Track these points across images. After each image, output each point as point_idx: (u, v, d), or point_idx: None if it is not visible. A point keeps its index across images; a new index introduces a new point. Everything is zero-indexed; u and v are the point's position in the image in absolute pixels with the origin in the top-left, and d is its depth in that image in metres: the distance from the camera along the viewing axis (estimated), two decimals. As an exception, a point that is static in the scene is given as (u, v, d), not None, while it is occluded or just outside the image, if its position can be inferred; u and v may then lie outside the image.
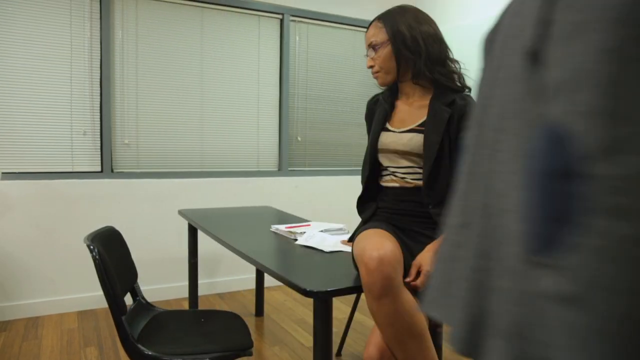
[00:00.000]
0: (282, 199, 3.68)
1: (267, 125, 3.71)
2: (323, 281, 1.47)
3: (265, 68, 3.67)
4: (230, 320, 1.81)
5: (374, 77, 1.66)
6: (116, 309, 1.47)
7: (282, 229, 2.18)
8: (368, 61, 1.65)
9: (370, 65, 1.65)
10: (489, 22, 0.58)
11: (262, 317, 3.04)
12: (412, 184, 1.60)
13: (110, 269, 1.49)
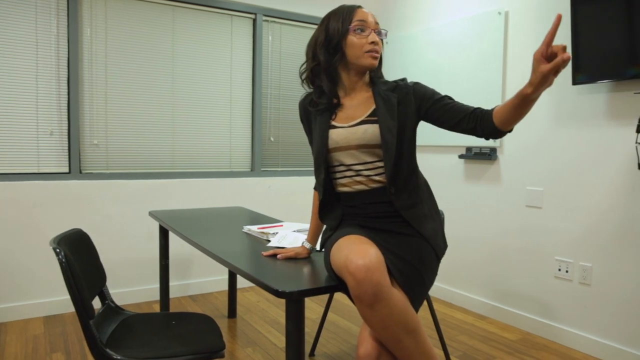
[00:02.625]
0: (255, 199, 3.66)
1: (240, 125, 3.69)
2: (295, 282, 1.47)
3: (238, 68, 3.65)
4: (202, 322, 1.79)
5: (374, 57, 1.58)
6: (83, 313, 1.44)
7: (254, 230, 2.16)
8: (375, 37, 1.57)
9: (375, 42, 1.57)
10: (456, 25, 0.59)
11: (234, 319, 3.02)
12: (377, 182, 1.59)
13: (77, 272, 1.45)
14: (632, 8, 2.25)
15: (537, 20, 2.81)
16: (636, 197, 2.39)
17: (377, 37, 1.59)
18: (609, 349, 2.50)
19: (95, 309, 1.53)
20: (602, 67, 2.39)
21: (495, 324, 3.02)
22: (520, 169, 2.93)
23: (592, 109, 2.57)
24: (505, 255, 3.04)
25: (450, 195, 3.39)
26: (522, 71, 2.90)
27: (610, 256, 2.50)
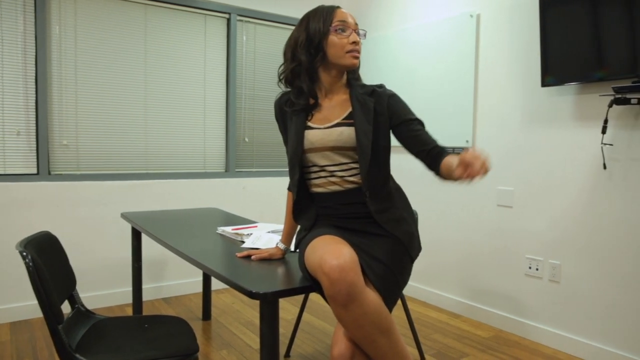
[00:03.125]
0: (229, 200, 3.64)
1: (214, 125, 3.65)
2: (269, 283, 1.46)
3: (212, 68, 3.62)
4: (176, 325, 1.77)
5: (355, 57, 1.60)
6: (51, 317, 1.40)
7: (228, 231, 2.15)
8: (356, 37, 1.59)
9: (356, 42, 1.59)
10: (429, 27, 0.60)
11: (209, 321, 2.99)
12: (352, 183, 1.60)
13: (45, 276, 1.42)
14: (598, 13, 2.32)
15: (508, 23, 2.87)
16: (602, 196, 2.46)
17: (358, 37, 1.61)
18: (577, 344, 2.56)
19: (65, 314, 1.50)
20: (570, 69, 2.46)
21: (468, 322, 3.07)
22: (491, 169, 2.99)
23: (560, 111, 2.63)
24: (478, 254, 3.09)
25: (424, 196, 3.42)
26: (493, 73, 2.96)
27: (578, 254, 2.57)
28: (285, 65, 1.67)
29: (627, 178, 2.37)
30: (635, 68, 2.20)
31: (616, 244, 2.42)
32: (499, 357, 2.55)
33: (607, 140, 2.42)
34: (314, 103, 1.65)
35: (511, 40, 2.86)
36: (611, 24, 2.27)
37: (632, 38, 2.20)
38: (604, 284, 2.47)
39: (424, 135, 1.58)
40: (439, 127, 3.27)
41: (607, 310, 2.45)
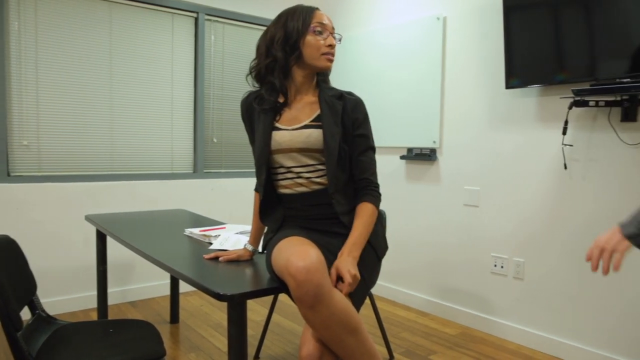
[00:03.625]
0: (198, 201, 3.59)
1: (182, 126, 3.60)
2: (237, 284, 1.45)
3: (180, 67, 3.56)
4: (142, 328, 1.74)
5: (330, 59, 1.62)
6: (9, 324, 1.36)
7: (196, 233, 2.12)
8: (332, 41, 1.62)
9: (332, 45, 1.61)
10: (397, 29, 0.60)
11: (177, 324, 2.95)
12: (318, 184, 1.61)
13: (3, 281, 1.37)
14: (559, 19, 2.39)
15: (473, 26, 2.92)
16: (563, 195, 2.54)
17: (334, 40, 1.62)
18: (540, 339, 2.64)
19: (25, 320, 1.45)
20: (533, 72, 2.52)
21: (436, 319, 3.12)
22: (458, 169, 3.04)
23: (524, 112, 2.70)
24: (445, 253, 3.14)
25: (393, 196, 3.46)
26: (459, 75, 3.01)
27: (541, 251, 2.64)
28: (259, 60, 1.65)
29: (586, 178, 2.45)
30: (593, 72, 2.28)
31: (577, 241, 2.49)
32: (465, 353, 2.60)
33: (567, 141, 2.50)
34: (283, 102, 1.65)
35: (477, 43, 2.91)
36: (571, 30, 2.34)
37: (591, 43, 2.27)
38: (566, 280, 2.54)
39: (363, 164, 1.64)
40: (406, 128, 3.32)
41: (569, 305, 2.53)
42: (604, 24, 2.22)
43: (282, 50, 1.59)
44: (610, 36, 2.21)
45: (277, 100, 1.63)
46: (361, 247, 1.50)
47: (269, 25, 1.66)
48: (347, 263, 1.40)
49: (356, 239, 1.50)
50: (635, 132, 2.28)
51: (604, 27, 2.22)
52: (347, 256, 1.44)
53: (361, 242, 1.51)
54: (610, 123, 2.35)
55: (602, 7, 2.22)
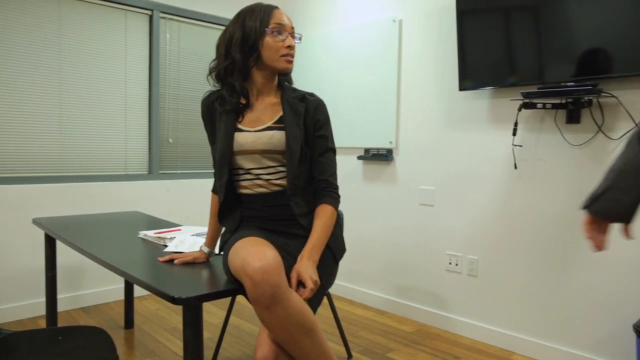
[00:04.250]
0: (153, 203, 3.51)
1: (136, 126, 3.51)
2: (192, 287, 1.43)
3: (134, 66, 3.47)
4: (93, 335, 1.68)
5: (289, 61, 1.60)
6: (-51, 334, 1.28)
7: (150, 235, 2.07)
8: (292, 41, 1.60)
9: (291, 46, 1.60)
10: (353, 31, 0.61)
11: (132, 329, 2.87)
12: (278, 185, 1.60)
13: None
14: (510, 24, 2.47)
15: (428, 29, 2.99)
16: (513, 194, 2.63)
17: (293, 41, 1.60)
18: (493, 334, 2.72)
19: (-35, 329, 1.38)
20: (485, 75, 2.60)
21: (393, 317, 3.16)
22: (414, 170, 3.10)
23: (476, 114, 2.78)
24: (402, 252, 3.19)
25: (350, 196, 3.49)
26: (415, 77, 3.07)
27: (493, 249, 2.73)
28: (218, 61, 1.63)
29: (535, 177, 2.54)
30: (541, 75, 2.37)
31: (526, 238, 2.59)
32: (422, 350, 2.65)
33: (517, 141, 2.59)
34: (245, 103, 1.63)
35: (432, 45, 2.98)
36: (522, 35, 2.43)
37: (539, 48, 2.36)
38: (516, 276, 2.63)
39: (323, 165, 1.65)
40: (363, 129, 3.35)
41: (519, 300, 2.62)
42: (552, 30, 2.32)
43: (241, 51, 1.57)
44: (557, 42, 2.30)
45: (238, 101, 1.61)
46: (320, 250, 1.51)
47: (228, 24, 1.64)
48: (309, 268, 1.41)
49: (315, 241, 1.50)
50: (579, 133, 2.38)
51: (552, 33, 2.32)
52: (307, 260, 1.44)
53: (320, 244, 1.51)
54: (556, 125, 2.46)
55: (550, 14, 2.31)
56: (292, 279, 1.39)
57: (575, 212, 2.40)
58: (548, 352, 2.51)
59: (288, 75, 1.71)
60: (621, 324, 2.27)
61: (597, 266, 2.34)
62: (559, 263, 2.47)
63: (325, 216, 1.57)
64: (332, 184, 1.64)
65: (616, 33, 2.12)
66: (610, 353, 2.31)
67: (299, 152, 1.57)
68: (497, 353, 2.62)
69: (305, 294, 1.35)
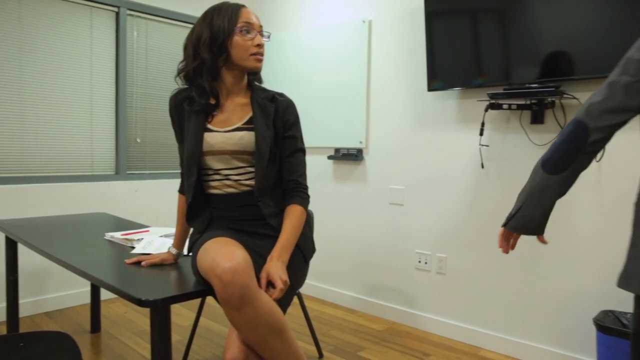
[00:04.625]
0: (121, 204, 3.44)
1: (102, 125, 3.43)
2: (160, 289, 1.41)
3: (100, 64, 3.39)
4: (57, 340, 1.63)
5: (259, 59, 1.59)
6: None
7: (117, 237, 2.03)
8: (261, 40, 1.59)
9: (260, 45, 1.58)
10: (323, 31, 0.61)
11: (98, 334, 2.81)
12: (247, 186, 1.60)
13: None
14: (477, 25, 2.52)
15: (397, 30, 3.02)
16: (481, 192, 2.69)
17: (262, 39, 1.60)
18: (461, 330, 2.77)
19: None
20: (454, 76, 2.65)
21: (364, 316, 3.18)
22: (384, 169, 3.13)
23: (445, 114, 2.83)
24: (372, 251, 3.22)
25: (321, 195, 3.50)
26: (384, 77, 3.10)
27: (461, 247, 2.78)
28: (187, 62, 1.60)
29: (501, 176, 2.60)
30: (508, 76, 2.43)
31: (494, 237, 2.65)
32: (392, 348, 2.67)
33: (484, 141, 2.64)
34: (215, 103, 1.61)
35: (401, 46, 3.01)
36: (489, 37, 2.48)
37: (506, 50, 2.42)
38: (484, 274, 2.69)
39: (293, 166, 1.64)
40: (334, 129, 3.36)
41: (486, 297, 2.68)
42: (518, 33, 2.37)
43: (210, 51, 1.55)
44: (523, 44, 2.36)
45: (208, 102, 1.60)
46: (290, 250, 1.51)
47: (195, 24, 1.62)
48: (278, 268, 1.40)
49: (285, 242, 1.50)
50: (543, 133, 2.45)
51: (518, 36, 2.37)
52: (277, 261, 1.44)
53: (290, 245, 1.51)
54: (521, 125, 2.52)
55: (516, 17, 2.37)
56: (262, 279, 1.38)
57: (539, 211, 2.47)
58: (514, 347, 2.57)
59: (257, 74, 1.70)
60: (582, 318, 2.34)
61: (560, 264, 2.41)
62: (525, 261, 2.53)
63: (295, 216, 1.57)
64: (302, 184, 1.64)
65: (578, 37, 2.19)
66: (572, 346, 2.38)
67: (269, 152, 1.56)
68: (465, 349, 2.67)
69: (275, 294, 1.35)
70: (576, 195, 2.35)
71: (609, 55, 2.09)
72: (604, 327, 2.05)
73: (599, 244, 2.29)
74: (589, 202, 2.31)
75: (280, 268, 1.41)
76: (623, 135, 2.20)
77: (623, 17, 2.07)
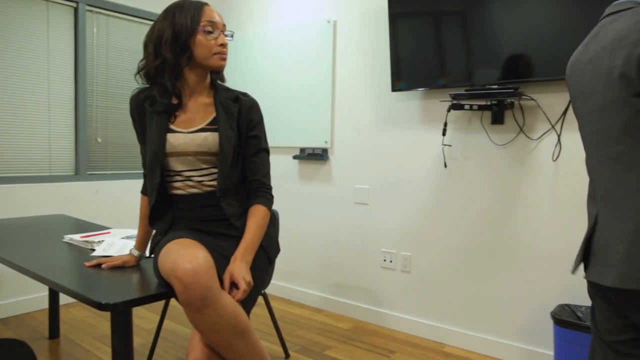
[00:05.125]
0: (81, 206, 3.34)
1: (61, 124, 3.32)
2: (122, 292, 1.38)
3: (58, 61, 3.29)
4: (12, 348, 1.58)
5: (223, 59, 1.57)
6: None
7: (76, 239, 1.98)
8: (224, 39, 1.57)
9: (224, 44, 1.56)
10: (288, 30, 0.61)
11: (57, 340, 2.72)
12: (210, 186, 1.58)
13: None
14: (440, 27, 2.57)
15: (362, 31, 3.04)
16: (444, 191, 2.74)
17: (225, 38, 1.58)
18: (426, 327, 2.82)
19: None
20: (417, 76, 2.68)
21: (330, 315, 3.20)
22: (349, 169, 3.15)
23: (408, 114, 2.86)
24: (338, 250, 3.23)
25: (286, 195, 3.49)
26: (349, 77, 3.12)
27: (425, 245, 2.82)
28: (147, 60, 1.56)
29: (464, 175, 2.66)
30: (470, 78, 2.48)
31: (456, 234, 2.70)
32: (358, 346, 2.69)
33: (446, 141, 2.70)
34: (177, 103, 1.58)
35: (365, 46, 3.04)
36: (452, 38, 2.53)
37: (468, 52, 2.47)
38: (447, 271, 2.74)
39: (257, 166, 1.64)
40: (299, 128, 3.36)
41: (450, 294, 2.73)
42: (479, 36, 2.43)
43: (172, 50, 1.52)
44: (484, 47, 2.42)
45: (170, 102, 1.57)
46: (254, 250, 1.50)
47: (155, 21, 1.58)
48: (242, 269, 1.39)
49: (249, 242, 1.49)
50: (503, 133, 2.52)
51: (479, 38, 2.43)
52: (240, 261, 1.42)
53: (254, 245, 1.50)
54: (482, 125, 2.58)
55: (478, 19, 2.43)
56: (225, 280, 1.37)
57: (500, 208, 2.53)
58: (477, 342, 2.63)
59: (220, 74, 1.68)
60: (541, 312, 2.42)
61: (519, 260, 2.48)
62: (486, 257, 2.60)
63: (259, 216, 1.56)
64: (266, 184, 1.63)
65: (536, 40, 2.26)
66: (532, 339, 2.45)
67: (232, 153, 1.55)
68: (429, 345, 2.72)
69: (238, 295, 1.34)
70: (533, 193, 2.42)
71: (567, 58, 2.17)
72: (560, 320, 2.13)
73: (556, 240, 2.37)
74: (546, 200, 2.39)
75: (243, 269, 1.40)
76: (577, 135, 2.28)
77: (578, 22, 2.14)
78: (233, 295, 1.34)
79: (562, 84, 2.32)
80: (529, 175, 2.44)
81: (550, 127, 2.36)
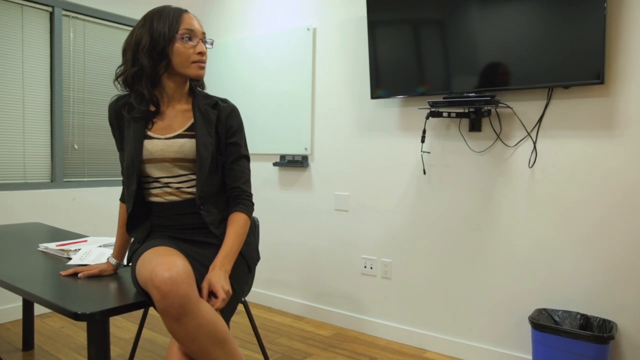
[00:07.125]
0: (57, 214, 3.28)
1: (36, 130, 3.26)
2: (98, 301, 1.35)
3: (33, 66, 3.23)
4: (-16, 360, 1.54)
5: (201, 67, 1.56)
6: None
7: (52, 248, 1.94)
8: (203, 47, 1.55)
9: (202, 52, 1.55)
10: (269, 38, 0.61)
11: (32, 351, 2.65)
12: (189, 194, 1.56)
13: None
14: (419, 35, 2.60)
15: (341, 38, 3.06)
16: (423, 198, 2.76)
17: (204, 46, 1.56)
18: (406, 333, 2.83)
19: None
20: (396, 84, 2.71)
21: (311, 323, 3.19)
22: (329, 176, 3.16)
23: (388, 121, 2.89)
24: (318, 257, 3.23)
25: (266, 202, 3.48)
26: (328, 85, 3.13)
27: (405, 251, 2.84)
28: (125, 67, 1.54)
29: (442, 181, 2.69)
30: (448, 85, 2.52)
31: (436, 240, 2.72)
32: (339, 353, 2.69)
33: (425, 148, 2.72)
34: (155, 110, 1.57)
35: (345, 54, 3.06)
36: (430, 47, 2.56)
37: (446, 60, 2.51)
38: (427, 277, 2.76)
39: (237, 172, 1.62)
40: (279, 135, 3.36)
41: (430, 300, 2.75)
42: (457, 44, 2.47)
43: (149, 57, 1.50)
44: (462, 55, 2.46)
45: (147, 109, 1.55)
46: (233, 259, 1.48)
47: (134, 27, 1.56)
48: (220, 278, 1.38)
49: (228, 251, 1.47)
50: (480, 140, 2.55)
51: (457, 47, 2.47)
52: (219, 270, 1.41)
53: (233, 253, 1.49)
54: (460, 132, 2.61)
55: (456, 28, 2.46)
56: (203, 289, 1.36)
57: (478, 214, 2.57)
58: (457, 348, 2.65)
59: (200, 81, 1.67)
60: (519, 317, 2.45)
61: (498, 266, 2.52)
62: (465, 263, 2.62)
63: (239, 224, 1.55)
64: (245, 191, 1.62)
65: (512, 49, 2.31)
66: (511, 344, 2.48)
67: (210, 160, 1.54)
68: (410, 352, 2.73)
69: (217, 304, 1.32)
70: (511, 199, 2.46)
71: (542, 67, 2.22)
72: (538, 324, 2.16)
73: (533, 245, 2.41)
74: (523, 206, 2.43)
75: (222, 277, 1.39)
76: (552, 142, 2.33)
77: (554, 31, 2.19)
78: (212, 304, 1.33)
79: (537, 92, 2.37)
80: (506, 182, 2.48)
81: (526, 134, 2.41)
